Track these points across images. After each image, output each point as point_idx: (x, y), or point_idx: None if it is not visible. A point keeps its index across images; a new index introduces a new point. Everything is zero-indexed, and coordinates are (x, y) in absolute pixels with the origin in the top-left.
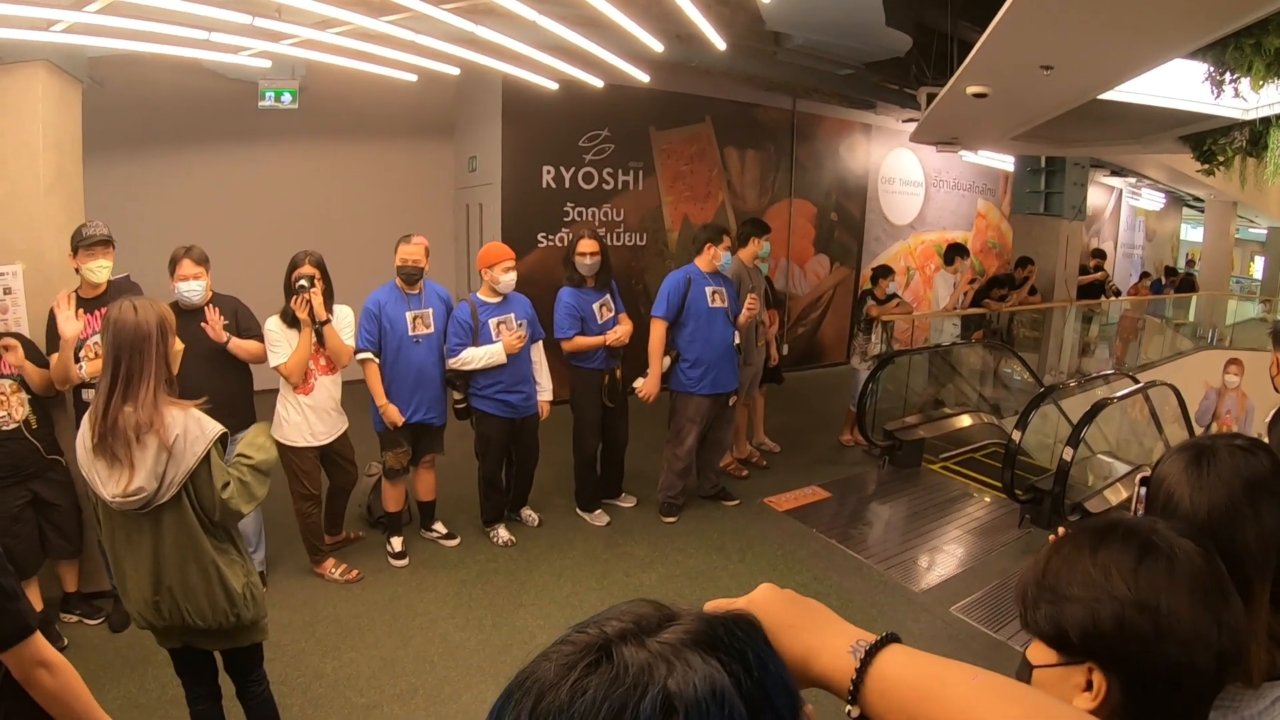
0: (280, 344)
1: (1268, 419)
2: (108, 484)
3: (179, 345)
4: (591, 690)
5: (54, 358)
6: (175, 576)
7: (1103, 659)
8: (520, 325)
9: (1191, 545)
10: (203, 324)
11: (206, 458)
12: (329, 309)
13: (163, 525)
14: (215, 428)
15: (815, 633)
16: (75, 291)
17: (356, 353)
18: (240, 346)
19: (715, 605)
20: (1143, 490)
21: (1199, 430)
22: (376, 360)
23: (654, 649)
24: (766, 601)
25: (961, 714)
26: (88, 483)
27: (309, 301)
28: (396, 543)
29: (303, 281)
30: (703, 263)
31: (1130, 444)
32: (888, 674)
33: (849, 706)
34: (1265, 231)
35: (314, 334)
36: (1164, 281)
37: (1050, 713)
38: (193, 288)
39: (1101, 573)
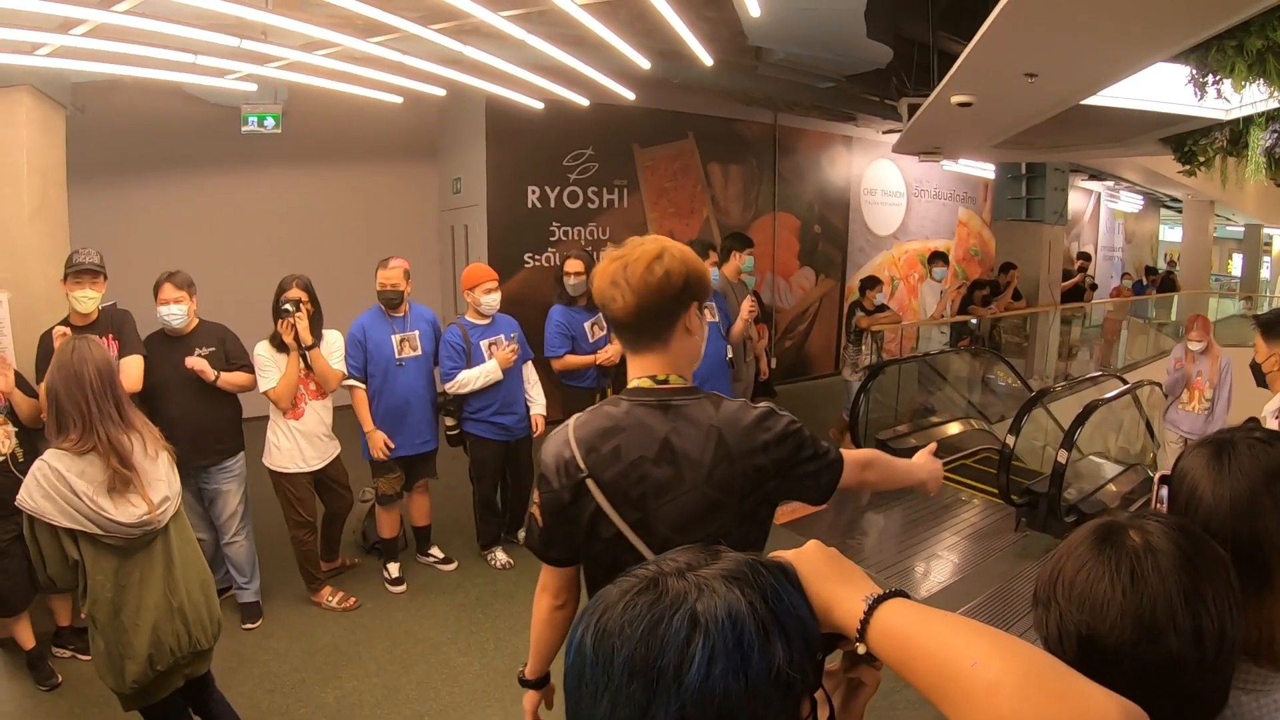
0: (270, 369)
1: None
2: (121, 513)
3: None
4: (639, 606)
5: (42, 387)
6: (184, 593)
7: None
8: (512, 340)
9: (1165, 543)
10: (187, 360)
11: None
12: (317, 333)
13: (170, 541)
14: None
15: (842, 584)
16: (66, 319)
17: (344, 379)
18: (229, 381)
19: (775, 555)
20: (1163, 491)
21: (1170, 398)
22: (363, 387)
23: (692, 580)
24: (809, 556)
25: (939, 649)
26: (78, 530)
27: (294, 326)
28: (393, 569)
29: (287, 306)
30: None
31: (1120, 444)
32: (886, 620)
33: (858, 643)
34: (1242, 229)
35: (301, 358)
36: (1145, 282)
37: (1018, 650)
38: (173, 312)
39: (1051, 575)
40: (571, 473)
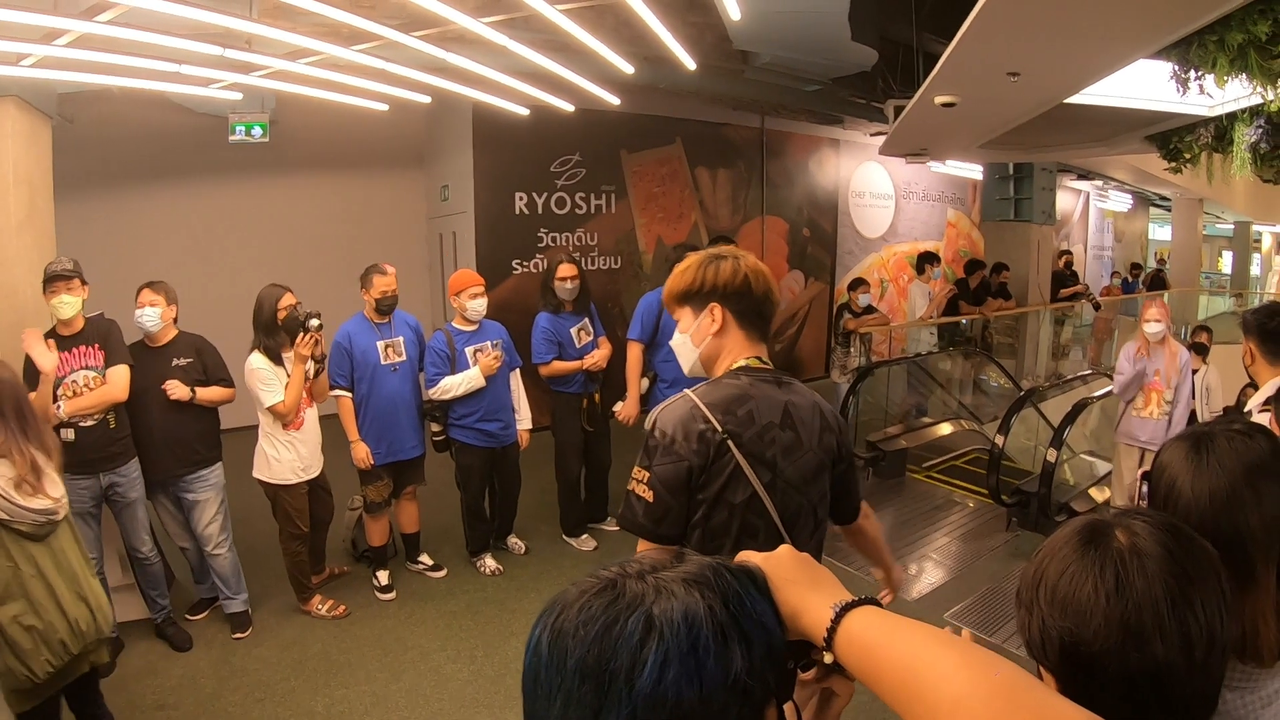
0: (273, 383)
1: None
2: (28, 502)
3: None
4: (595, 607)
5: (31, 396)
6: (85, 582)
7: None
8: (496, 346)
9: (1152, 545)
10: (165, 386)
11: None
12: None
13: (66, 536)
14: None
15: (811, 590)
16: (53, 330)
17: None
18: (206, 398)
19: (743, 556)
20: (1144, 487)
21: (1123, 406)
22: (349, 395)
23: (651, 582)
24: (779, 560)
25: (905, 660)
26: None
27: (317, 340)
28: (383, 576)
29: (315, 320)
30: None
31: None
32: (853, 630)
33: (825, 652)
34: (1232, 226)
35: (312, 371)
36: (1130, 279)
37: (987, 664)
38: (148, 314)
39: (1034, 577)
40: (707, 437)
